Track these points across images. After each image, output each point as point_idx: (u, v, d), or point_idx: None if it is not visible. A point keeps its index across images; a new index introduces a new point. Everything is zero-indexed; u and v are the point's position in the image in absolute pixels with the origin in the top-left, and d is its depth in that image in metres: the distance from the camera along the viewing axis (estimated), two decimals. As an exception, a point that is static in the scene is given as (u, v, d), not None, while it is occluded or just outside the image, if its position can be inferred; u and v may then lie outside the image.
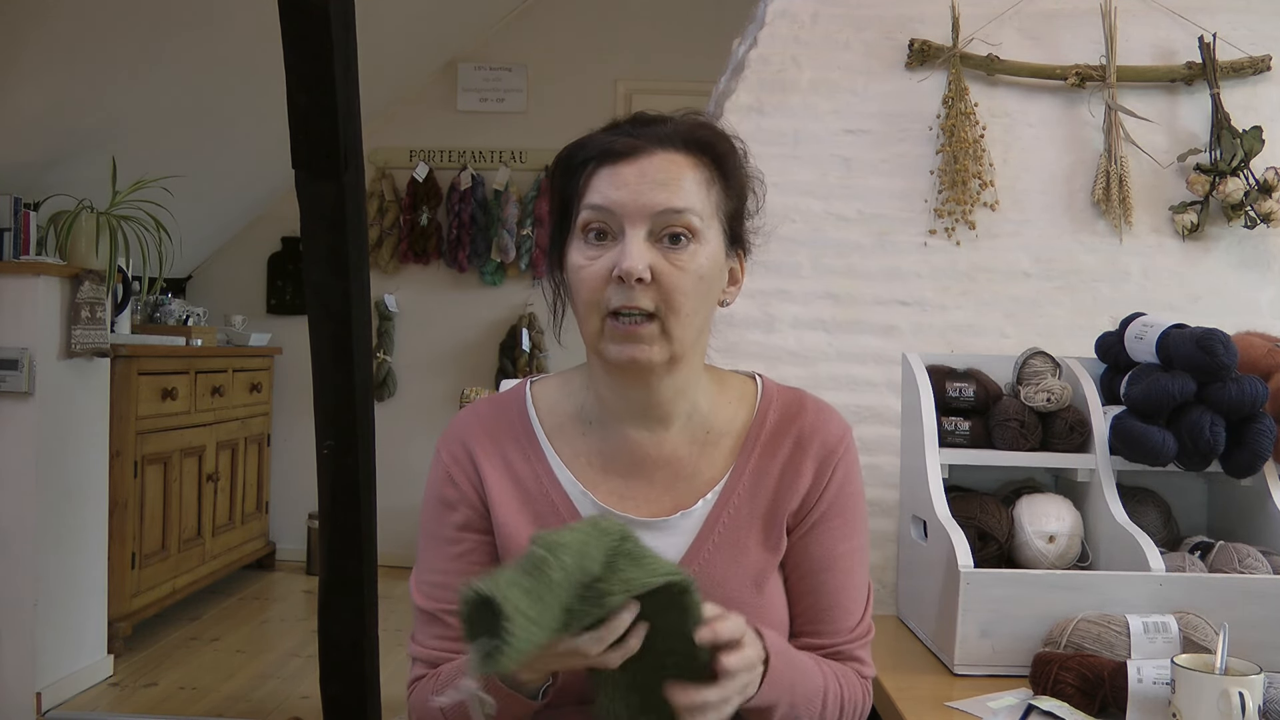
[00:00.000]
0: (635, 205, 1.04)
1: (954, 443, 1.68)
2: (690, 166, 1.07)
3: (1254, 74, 2.09)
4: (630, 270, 1.02)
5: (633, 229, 1.03)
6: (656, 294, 1.04)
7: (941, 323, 2.07)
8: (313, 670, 2.36)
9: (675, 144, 1.07)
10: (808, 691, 1.07)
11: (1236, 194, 2.00)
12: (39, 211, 3.32)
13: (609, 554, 0.90)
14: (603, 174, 1.06)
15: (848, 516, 1.16)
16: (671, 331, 1.05)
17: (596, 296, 1.05)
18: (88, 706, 3.12)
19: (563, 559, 0.86)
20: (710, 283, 1.08)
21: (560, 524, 1.10)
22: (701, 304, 1.07)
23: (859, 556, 1.17)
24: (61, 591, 3.11)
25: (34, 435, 2.98)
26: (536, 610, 0.84)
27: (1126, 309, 1.87)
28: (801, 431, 1.16)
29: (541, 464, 1.14)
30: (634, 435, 1.13)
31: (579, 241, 1.07)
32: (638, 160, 1.05)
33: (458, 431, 1.18)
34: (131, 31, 3.28)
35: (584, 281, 1.06)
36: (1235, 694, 1.16)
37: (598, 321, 1.06)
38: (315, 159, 2.17)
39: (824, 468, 1.15)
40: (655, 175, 1.04)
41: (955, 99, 2.06)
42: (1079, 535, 1.62)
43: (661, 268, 1.04)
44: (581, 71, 4.97)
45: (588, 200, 1.06)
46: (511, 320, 5.03)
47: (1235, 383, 1.56)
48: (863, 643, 1.17)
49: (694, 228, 1.05)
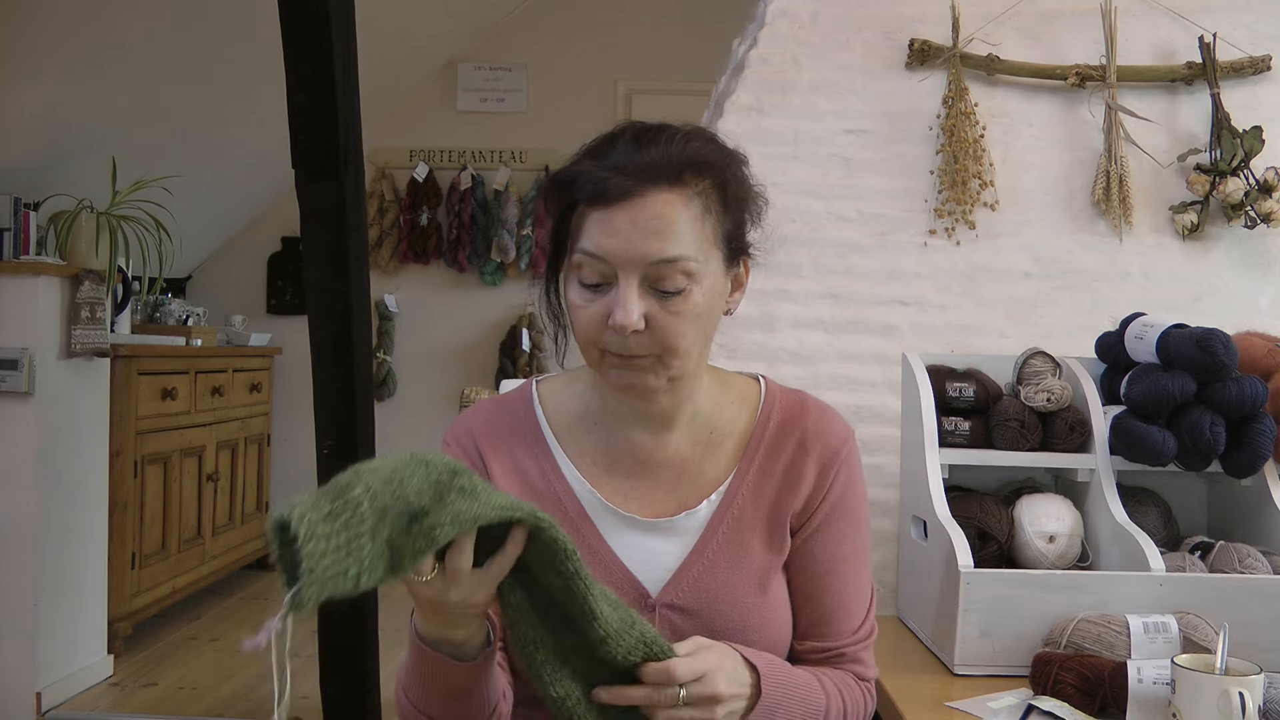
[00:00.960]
0: (627, 257, 1.01)
1: (954, 443, 1.68)
2: (684, 203, 1.03)
3: (1254, 74, 2.09)
4: (624, 325, 1.01)
5: (626, 279, 1.01)
6: (652, 340, 1.03)
7: (941, 323, 2.07)
8: (313, 670, 2.36)
9: (668, 177, 1.02)
10: (809, 708, 1.08)
11: (1236, 194, 2.00)
12: (39, 211, 3.32)
13: (436, 487, 0.86)
14: (595, 218, 1.02)
15: (850, 519, 1.17)
16: (669, 364, 1.06)
17: (594, 336, 1.05)
18: (88, 706, 3.12)
19: (369, 482, 0.83)
20: (709, 314, 1.07)
21: (567, 522, 1.12)
22: (701, 335, 1.07)
23: (862, 558, 1.18)
24: (61, 591, 3.11)
25: (34, 435, 2.98)
26: (345, 537, 0.80)
27: (1126, 309, 1.86)
28: (804, 434, 1.16)
29: (548, 461, 1.15)
30: (637, 437, 1.14)
31: (574, 280, 1.06)
32: (629, 205, 1.01)
33: (465, 426, 1.18)
34: (131, 31, 3.28)
35: (580, 322, 1.06)
36: (1235, 694, 1.16)
37: (596, 354, 1.07)
38: (315, 159, 2.18)
39: (827, 470, 1.15)
40: (647, 223, 1.01)
41: (955, 99, 2.06)
42: (1079, 535, 1.62)
43: (656, 315, 1.03)
44: (581, 71, 4.97)
45: (581, 245, 1.04)
46: (511, 320, 5.03)
47: (1235, 383, 1.56)
48: (865, 644, 1.17)
49: (690, 271, 1.03)
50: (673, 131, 1.06)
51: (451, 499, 0.85)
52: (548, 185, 1.10)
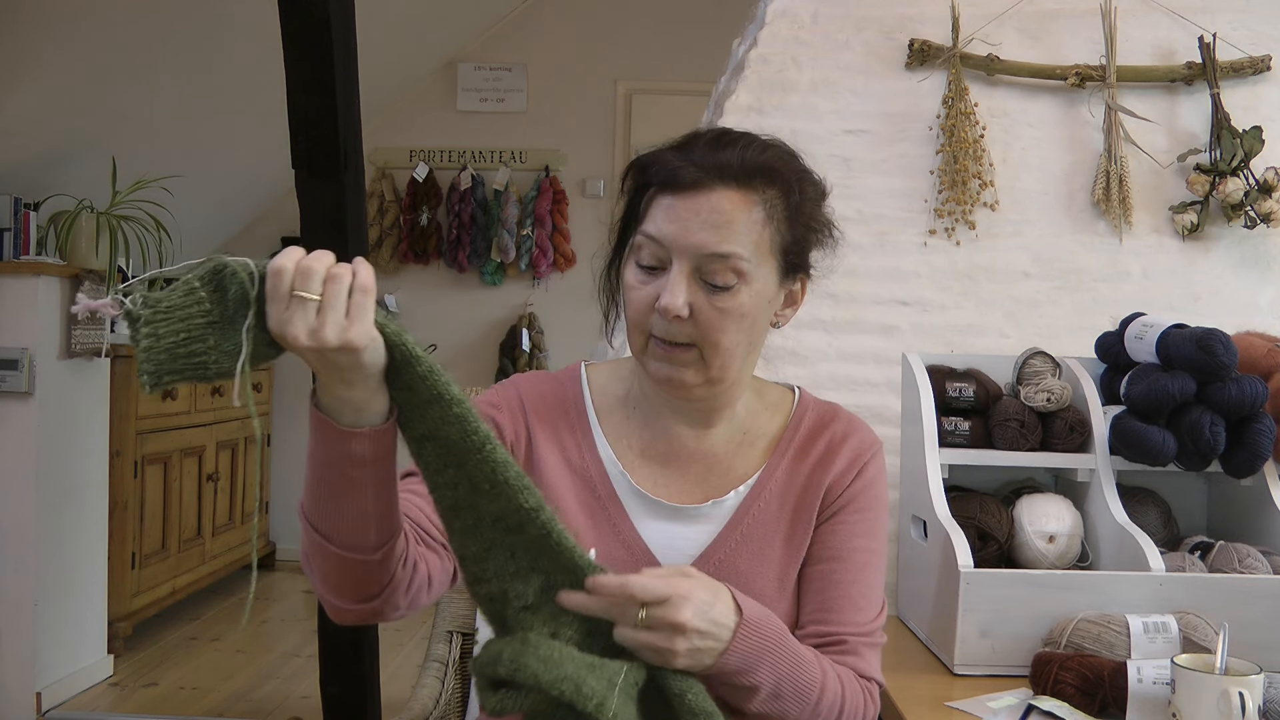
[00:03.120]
0: (683, 244, 1.06)
1: (954, 443, 1.68)
2: (747, 206, 1.07)
3: (1254, 74, 2.09)
4: (668, 308, 1.05)
5: (679, 265, 1.06)
6: (695, 329, 1.07)
7: (941, 323, 2.07)
8: (313, 670, 2.37)
9: (738, 178, 1.07)
10: (798, 681, 1.03)
11: (1236, 194, 2.00)
12: (39, 211, 3.32)
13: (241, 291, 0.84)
14: (661, 203, 1.08)
15: (868, 516, 1.17)
16: (709, 361, 1.09)
17: (641, 320, 1.10)
18: (88, 706, 3.12)
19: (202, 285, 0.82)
20: (755, 318, 1.11)
21: (595, 501, 1.13)
22: (743, 337, 1.10)
23: (875, 560, 1.17)
24: (61, 591, 3.11)
25: (34, 435, 2.98)
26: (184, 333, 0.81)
27: (1126, 309, 1.87)
28: (834, 435, 1.19)
29: (586, 440, 1.18)
30: (675, 429, 1.18)
31: (632, 262, 1.11)
32: (696, 196, 1.06)
33: (516, 390, 1.20)
34: (131, 31, 3.28)
35: (631, 302, 1.11)
36: (1235, 694, 1.16)
37: (641, 339, 1.11)
38: (315, 159, 2.17)
39: (855, 463, 1.18)
40: (709, 216, 1.06)
41: (955, 99, 2.06)
42: (1079, 535, 1.62)
43: (701, 306, 1.07)
44: (581, 71, 4.97)
45: (644, 227, 1.09)
46: (511, 320, 5.03)
47: (1235, 383, 1.56)
48: (869, 641, 1.15)
49: (740, 270, 1.07)
50: (753, 139, 1.11)
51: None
52: (627, 167, 1.15)
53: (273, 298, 0.83)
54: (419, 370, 0.89)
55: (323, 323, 0.83)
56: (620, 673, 0.91)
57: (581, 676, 0.88)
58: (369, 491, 0.93)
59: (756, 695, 1.01)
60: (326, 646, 2.34)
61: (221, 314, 0.83)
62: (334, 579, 0.97)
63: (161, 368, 0.81)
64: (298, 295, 0.83)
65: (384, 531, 0.95)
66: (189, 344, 0.82)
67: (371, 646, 2.37)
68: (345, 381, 0.88)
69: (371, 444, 0.91)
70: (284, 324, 0.83)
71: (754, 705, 1.02)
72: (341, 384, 0.89)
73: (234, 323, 0.83)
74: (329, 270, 0.85)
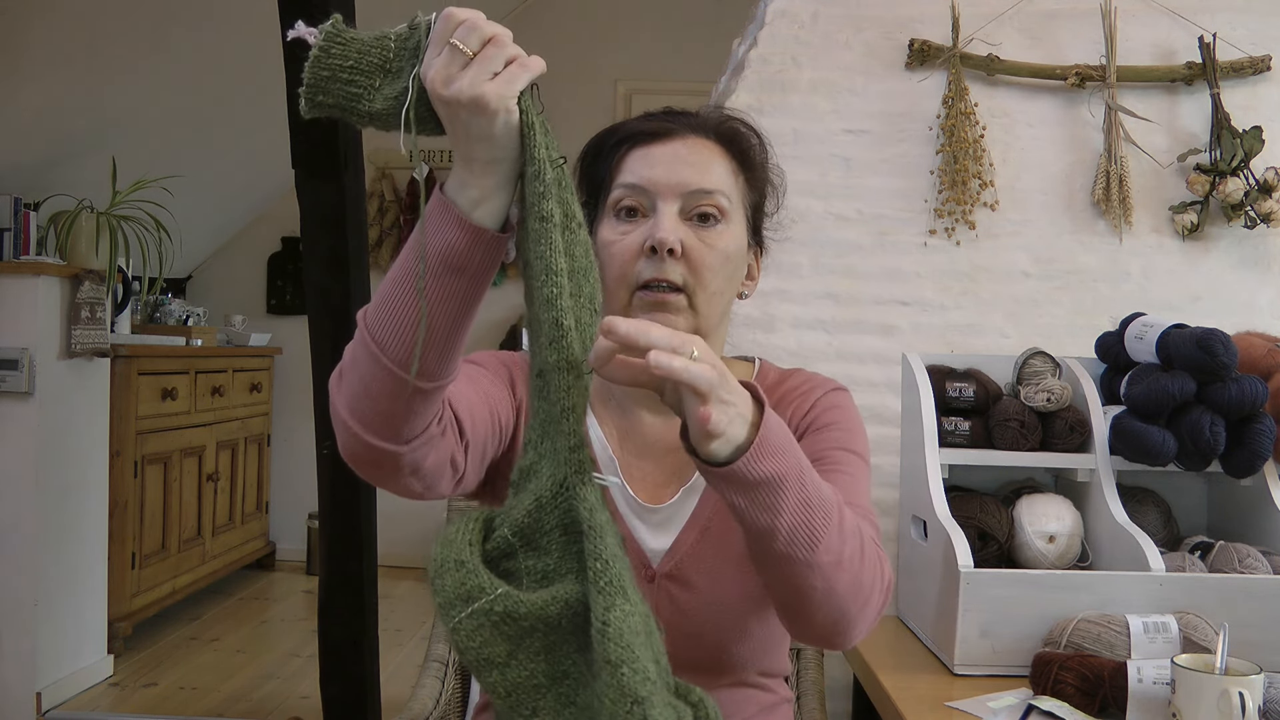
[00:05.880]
0: (668, 183, 1.08)
1: (954, 443, 1.68)
2: (719, 154, 1.11)
3: (1254, 74, 2.09)
4: (663, 240, 1.05)
5: (665, 204, 1.07)
6: (686, 268, 1.07)
7: (941, 323, 2.07)
8: (313, 670, 2.37)
9: (705, 132, 1.12)
10: (816, 500, 0.87)
11: (1236, 194, 2.00)
12: (39, 211, 3.32)
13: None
14: (636, 154, 1.10)
15: (844, 430, 1.12)
16: (698, 307, 1.08)
17: (627, 270, 1.07)
18: (88, 706, 3.12)
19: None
20: (735, 265, 1.11)
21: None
22: (727, 285, 1.11)
23: (858, 467, 1.09)
24: (61, 591, 3.11)
25: (34, 435, 2.98)
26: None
27: (1126, 309, 1.87)
28: (790, 387, 1.17)
29: None
30: (647, 419, 1.16)
31: (609, 219, 1.10)
32: (670, 142, 1.10)
33: (511, 368, 1.17)
34: (131, 31, 3.28)
35: (614, 256, 1.08)
36: (1235, 694, 1.16)
37: (626, 295, 1.08)
38: (315, 159, 2.18)
39: (811, 396, 1.15)
40: (687, 156, 1.09)
41: (955, 99, 2.06)
42: (1079, 535, 1.62)
43: (691, 243, 1.07)
44: (581, 71, 4.97)
45: (620, 179, 1.10)
46: (511, 320, 5.03)
47: (1235, 383, 1.56)
48: (864, 516, 1.01)
49: (723, 208, 1.09)
50: (709, 108, 1.16)
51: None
52: (584, 150, 1.15)
53: (434, 41, 0.82)
54: (534, 154, 0.86)
55: (464, 74, 0.81)
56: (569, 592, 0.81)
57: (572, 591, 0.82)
58: (447, 307, 0.86)
59: (784, 495, 0.84)
60: (326, 646, 2.34)
61: (399, 69, 0.85)
62: (366, 402, 0.89)
63: (320, 84, 0.83)
64: (453, 43, 0.81)
65: (441, 362, 0.87)
66: (354, 73, 0.84)
67: (371, 646, 2.37)
68: (469, 158, 0.84)
69: (472, 242, 0.86)
70: (430, 65, 0.82)
71: (782, 520, 0.85)
72: (465, 161, 0.85)
73: (402, 76, 0.84)
74: (495, 34, 0.83)
